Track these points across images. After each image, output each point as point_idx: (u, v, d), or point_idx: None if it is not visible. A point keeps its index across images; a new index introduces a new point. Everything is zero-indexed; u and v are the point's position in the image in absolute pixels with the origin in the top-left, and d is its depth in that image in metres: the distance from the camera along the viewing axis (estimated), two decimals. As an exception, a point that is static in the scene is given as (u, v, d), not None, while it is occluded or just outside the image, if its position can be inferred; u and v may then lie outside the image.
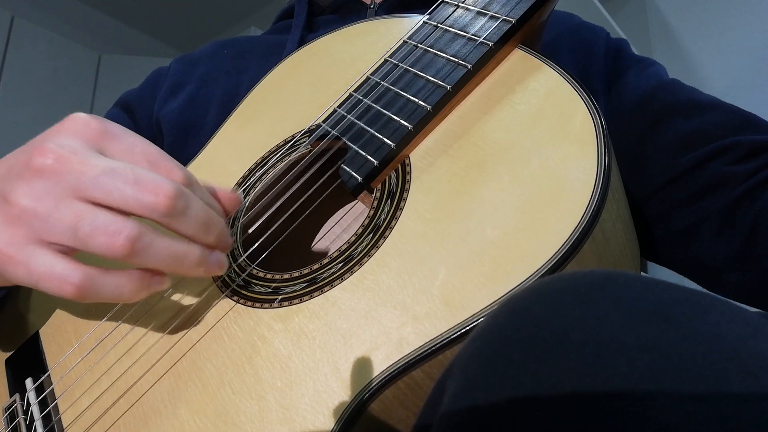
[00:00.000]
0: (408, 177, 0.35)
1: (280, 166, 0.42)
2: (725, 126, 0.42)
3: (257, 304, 0.34)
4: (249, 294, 0.35)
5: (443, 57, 0.39)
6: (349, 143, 0.39)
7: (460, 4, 0.41)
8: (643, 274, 0.43)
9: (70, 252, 0.30)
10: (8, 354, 0.41)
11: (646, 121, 0.46)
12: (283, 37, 0.62)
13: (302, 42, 0.58)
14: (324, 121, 0.41)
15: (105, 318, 0.38)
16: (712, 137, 0.42)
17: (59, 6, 2.34)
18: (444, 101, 0.37)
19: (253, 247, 0.38)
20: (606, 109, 0.48)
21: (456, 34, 0.39)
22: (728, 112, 0.43)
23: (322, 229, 0.45)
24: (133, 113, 0.60)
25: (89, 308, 0.40)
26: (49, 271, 0.29)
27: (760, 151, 0.40)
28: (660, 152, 0.44)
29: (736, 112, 0.43)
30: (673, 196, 0.42)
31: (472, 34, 0.38)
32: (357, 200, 0.38)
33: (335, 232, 0.45)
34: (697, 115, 0.44)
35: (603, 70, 0.51)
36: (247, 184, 0.42)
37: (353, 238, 0.34)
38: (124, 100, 0.62)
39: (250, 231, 0.39)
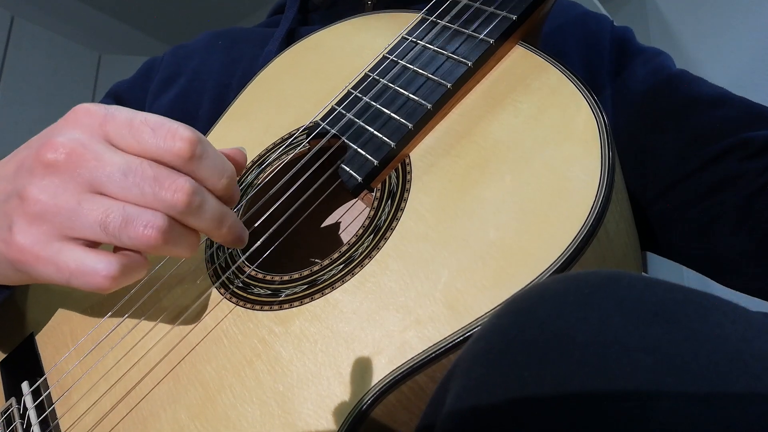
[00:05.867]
0: (408, 177, 0.35)
1: (278, 164, 0.41)
2: (737, 121, 0.42)
3: (257, 307, 0.34)
4: (248, 296, 0.35)
5: (443, 54, 0.38)
6: (349, 142, 0.38)
7: None
8: (644, 274, 0.43)
9: (94, 245, 0.29)
10: (3, 357, 0.41)
11: (656, 114, 0.45)
12: (276, 30, 0.61)
13: (294, 36, 0.57)
14: (322, 119, 0.41)
15: (102, 320, 0.38)
16: (725, 133, 0.41)
17: (59, 6, 2.34)
18: (444, 99, 0.36)
19: (252, 248, 0.37)
20: (613, 102, 0.48)
21: (456, 30, 0.39)
22: (739, 106, 0.43)
23: (321, 230, 0.45)
24: (124, 104, 0.60)
25: (85, 309, 0.40)
26: (80, 266, 0.28)
27: None
28: (672, 148, 0.44)
29: (747, 106, 0.43)
30: (688, 192, 0.42)
31: (473, 31, 0.38)
32: (357, 199, 0.38)
33: (335, 233, 0.45)
34: (709, 110, 0.43)
35: (609, 64, 0.50)
36: (244, 182, 0.42)
37: (354, 239, 0.34)
38: (115, 91, 0.62)
39: (248, 231, 0.39)
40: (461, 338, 0.27)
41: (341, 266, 0.33)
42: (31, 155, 0.29)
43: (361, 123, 0.39)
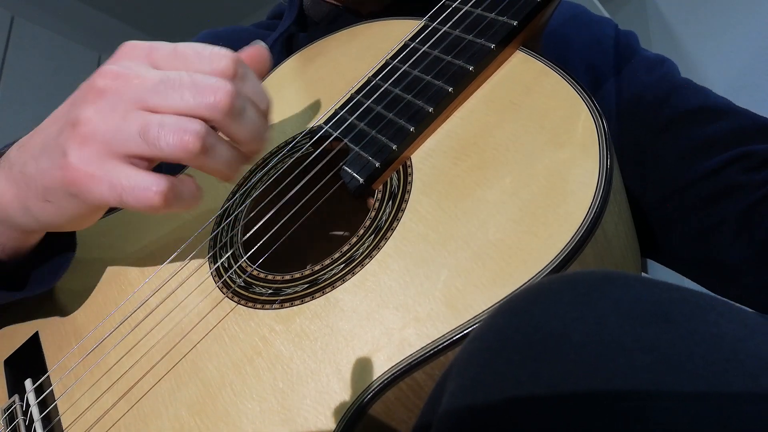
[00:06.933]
0: (409, 178, 0.35)
1: (281, 167, 0.42)
2: (740, 132, 0.42)
3: (258, 305, 0.34)
4: (250, 295, 0.35)
5: (445, 59, 0.39)
6: (351, 144, 0.39)
7: (460, 5, 0.41)
8: (642, 274, 0.43)
9: (146, 166, 0.30)
10: (7, 354, 0.41)
11: (659, 122, 0.45)
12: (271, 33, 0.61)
13: (293, 41, 0.57)
14: (325, 123, 0.41)
15: (105, 318, 0.38)
16: (728, 144, 0.42)
17: (59, 6, 2.33)
18: (445, 103, 0.37)
19: (254, 248, 0.38)
20: (616, 107, 0.48)
21: (457, 36, 0.39)
22: (742, 117, 0.43)
23: (323, 230, 0.45)
24: None
25: (89, 308, 0.40)
26: (132, 183, 0.29)
27: None
28: (675, 156, 0.44)
29: (749, 118, 0.43)
30: (689, 200, 0.42)
31: (474, 37, 0.38)
32: (358, 201, 0.39)
33: (337, 233, 0.45)
34: (713, 120, 0.43)
35: (613, 69, 0.50)
36: (248, 185, 0.42)
37: (355, 239, 0.34)
38: None
39: (251, 232, 0.39)
40: (460, 335, 0.27)
41: (342, 265, 0.33)
42: (84, 87, 0.31)
43: (364, 126, 0.39)
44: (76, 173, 0.30)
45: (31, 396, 0.36)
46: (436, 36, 0.41)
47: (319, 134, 0.41)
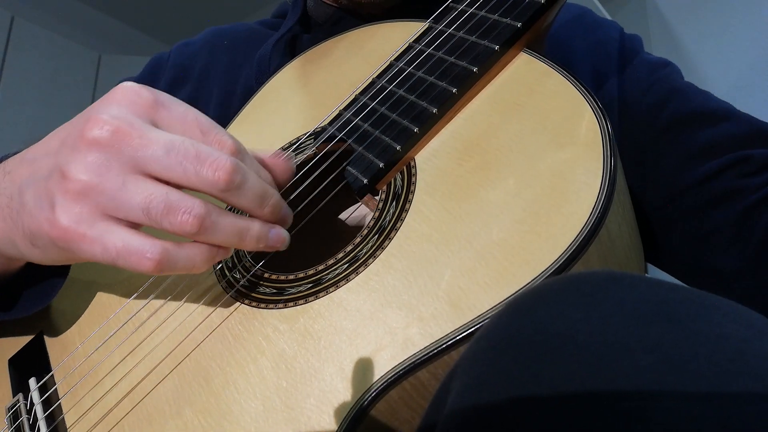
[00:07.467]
0: (413, 179, 0.35)
1: None
2: (738, 137, 0.42)
3: (262, 305, 0.34)
4: (254, 295, 0.35)
5: (448, 60, 0.39)
6: (355, 145, 0.39)
7: (464, 8, 0.41)
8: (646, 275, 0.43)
9: (137, 227, 0.29)
10: (12, 353, 0.41)
11: (660, 126, 0.45)
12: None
13: (297, 43, 0.57)
14: (329, 124, 0.42)
15: (109, 318, 0.38)
16: (726, 149, 0.42)
17: (59, 6, 2.34)
18: (449, 104, 0.37)
19: None
20: (618, 110, 0.48)
21: (461, 37, 0.39)
22: (742, 122, 0.43)
23: (327, 230, 0.45)
24: None
25: (93, 308, 0.40)
26: (126, 247, 0.28)
27: None
28: (675, 158, 0.44)
29: (749, 123, 0.43)
30: (686, 204, 0.42)
31: (478, 38, 0.38)
32: (362, 202, 0.39)
33: (340, 233, 0.45)
34: (711, 125, 0.44)
35: (616, 72, 0.50)
36: None
37: (358, 239, 0.34)
38: None
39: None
40: (463, 334, 0.27)
41: (346, 266, 0.33)
42: (75, 131, 0.29)
43: (368, 127, 0.39)
44: (65, 232, 0.28)
45: (34, 395, 0.36)
46: (441, 38, 0.41)
47: (323, 135, 0.41)
